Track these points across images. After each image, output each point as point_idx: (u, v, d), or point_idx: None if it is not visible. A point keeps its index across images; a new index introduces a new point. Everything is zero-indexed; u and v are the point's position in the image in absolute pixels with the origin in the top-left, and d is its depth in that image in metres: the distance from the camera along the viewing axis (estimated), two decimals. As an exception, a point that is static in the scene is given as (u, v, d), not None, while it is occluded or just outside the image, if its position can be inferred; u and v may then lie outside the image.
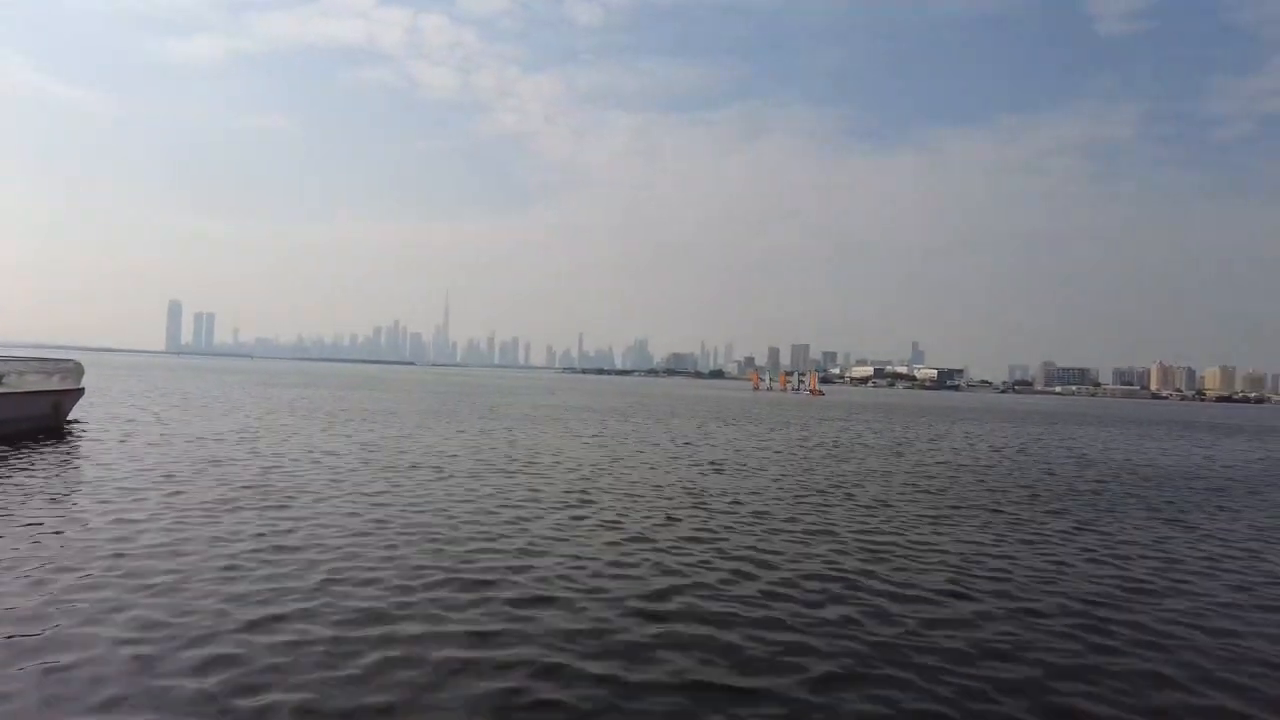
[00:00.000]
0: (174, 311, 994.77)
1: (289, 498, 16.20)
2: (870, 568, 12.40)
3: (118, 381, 70.65)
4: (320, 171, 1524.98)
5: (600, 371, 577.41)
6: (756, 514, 16.89)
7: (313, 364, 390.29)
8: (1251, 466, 33.99)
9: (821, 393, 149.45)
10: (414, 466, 21.73)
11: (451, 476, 20.05)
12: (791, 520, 16.29)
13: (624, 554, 12.55)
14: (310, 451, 24.17)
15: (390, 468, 21.24)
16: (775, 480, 22.49)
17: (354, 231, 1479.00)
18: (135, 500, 15.21)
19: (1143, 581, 12.50)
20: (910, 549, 13.98)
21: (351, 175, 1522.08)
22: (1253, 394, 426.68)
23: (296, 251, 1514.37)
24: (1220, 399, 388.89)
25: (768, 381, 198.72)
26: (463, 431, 33.96)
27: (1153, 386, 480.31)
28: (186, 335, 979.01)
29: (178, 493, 16.15)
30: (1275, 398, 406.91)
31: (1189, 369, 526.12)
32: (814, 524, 15.98)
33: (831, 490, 20.97)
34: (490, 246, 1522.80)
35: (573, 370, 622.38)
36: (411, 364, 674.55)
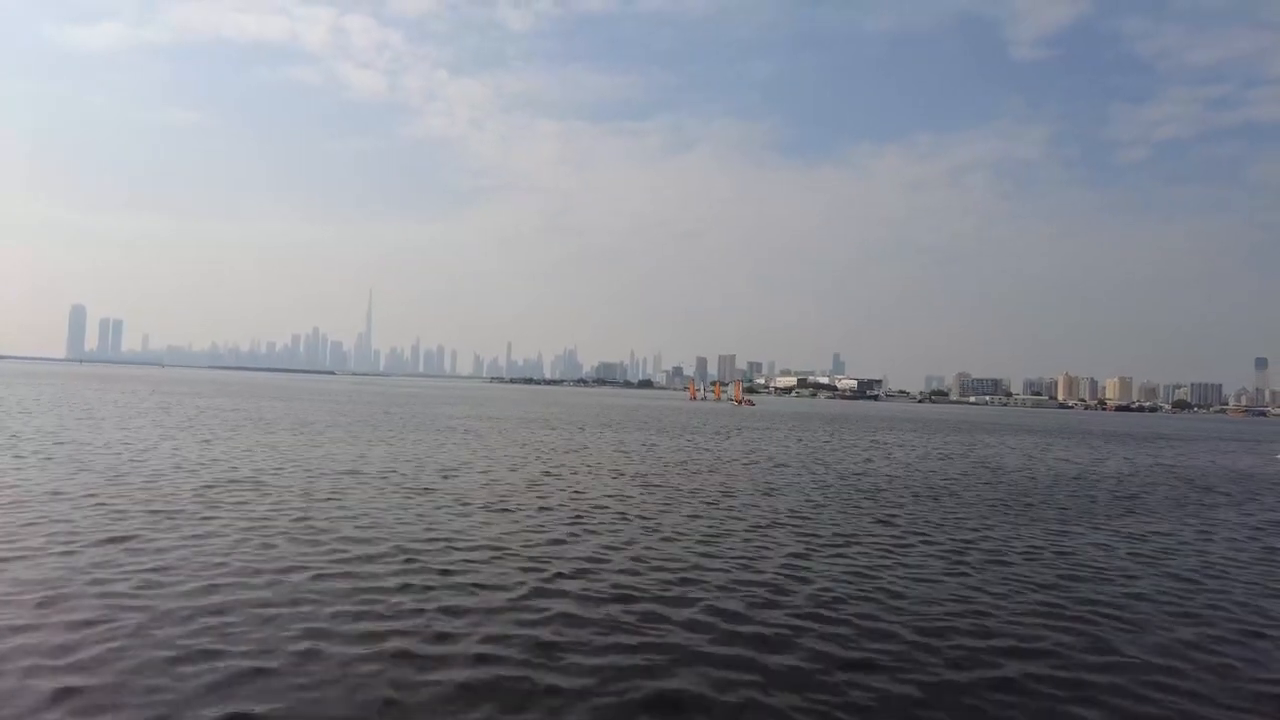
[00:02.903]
0: (76, 317, 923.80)
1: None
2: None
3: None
4: (237, 171, 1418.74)
5: (529, 381, 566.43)
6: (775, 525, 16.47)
7: (227, 373, 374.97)
8: (1135, 476, 35.74)
9: (751, 403, 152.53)
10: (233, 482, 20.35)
11: (275, 497, 18.77)
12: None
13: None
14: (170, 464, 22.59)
15: (211, 485, 20.11)
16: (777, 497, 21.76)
17: (273, 234, 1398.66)
18: None
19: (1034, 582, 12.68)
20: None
21: (271, 176, 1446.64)
22: (1147, 403, 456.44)
23: (211, 255, 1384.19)
24: (1119, 408, 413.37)
25: (702, 391, 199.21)
26: (354, 444, 32.62)
27: (1060, 396, 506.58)
28: (91, 342, 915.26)
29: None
30: (1165, 407, 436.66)
31: (1092, 379, 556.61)
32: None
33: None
34: (416, 252, 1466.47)
35: (501, 380, 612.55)
36: (332, 373, 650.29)
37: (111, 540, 13.03)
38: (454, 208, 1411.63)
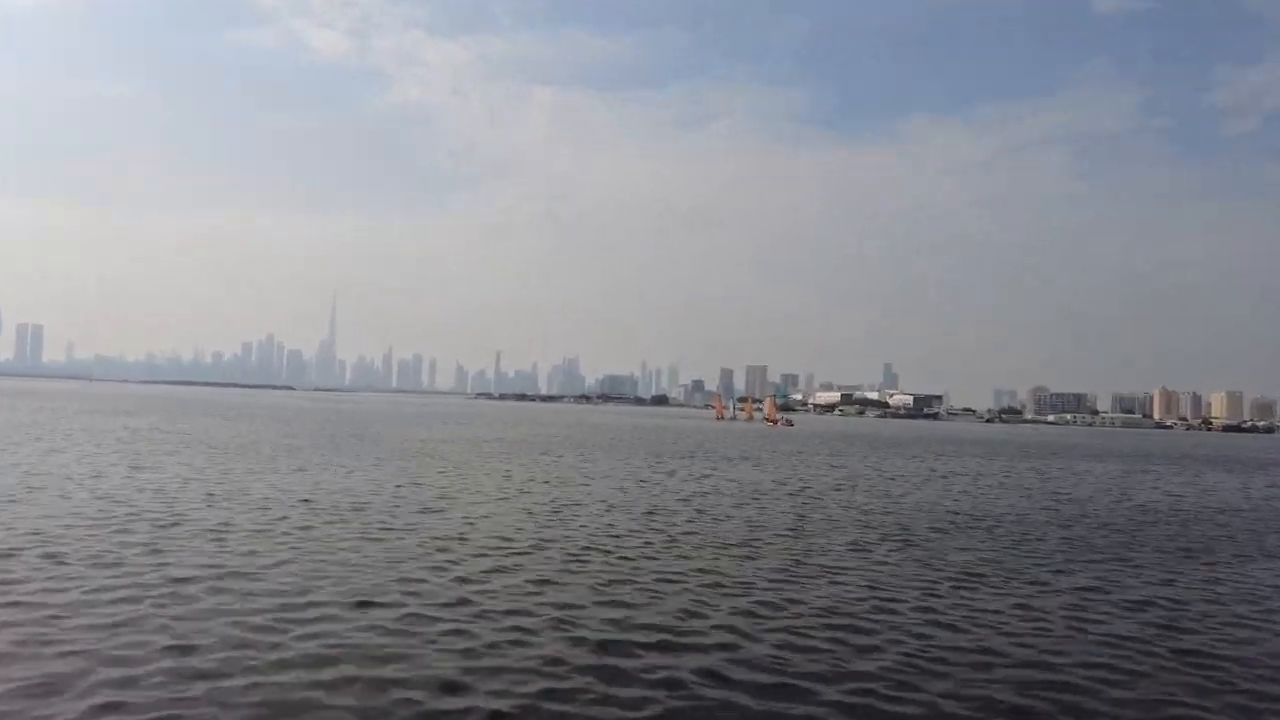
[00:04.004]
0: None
1: None
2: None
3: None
4: (176, 153, 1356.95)
5: (522, 397, 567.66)
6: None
7: (166, 388, 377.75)
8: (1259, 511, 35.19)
9: (790, 423, 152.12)
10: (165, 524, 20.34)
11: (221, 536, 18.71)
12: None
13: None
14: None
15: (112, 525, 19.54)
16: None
17: (219, 226, 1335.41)
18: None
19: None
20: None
21: (216, 158, 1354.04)
22: (1261, 422, 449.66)
23: (146, 251, 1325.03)
24: (1227, 428, 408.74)
25: (731, 410, 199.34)
26: (302, 471, 33.03)
27: (1155, 414, 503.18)
28: (5, 351, 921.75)
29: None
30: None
31: (1194, 394, 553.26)
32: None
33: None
34: (388, 245, 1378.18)
35: (488, 395, 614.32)
36: (290, 388, 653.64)
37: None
38: (432, 193, 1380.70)
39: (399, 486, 29.34)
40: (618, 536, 20.92)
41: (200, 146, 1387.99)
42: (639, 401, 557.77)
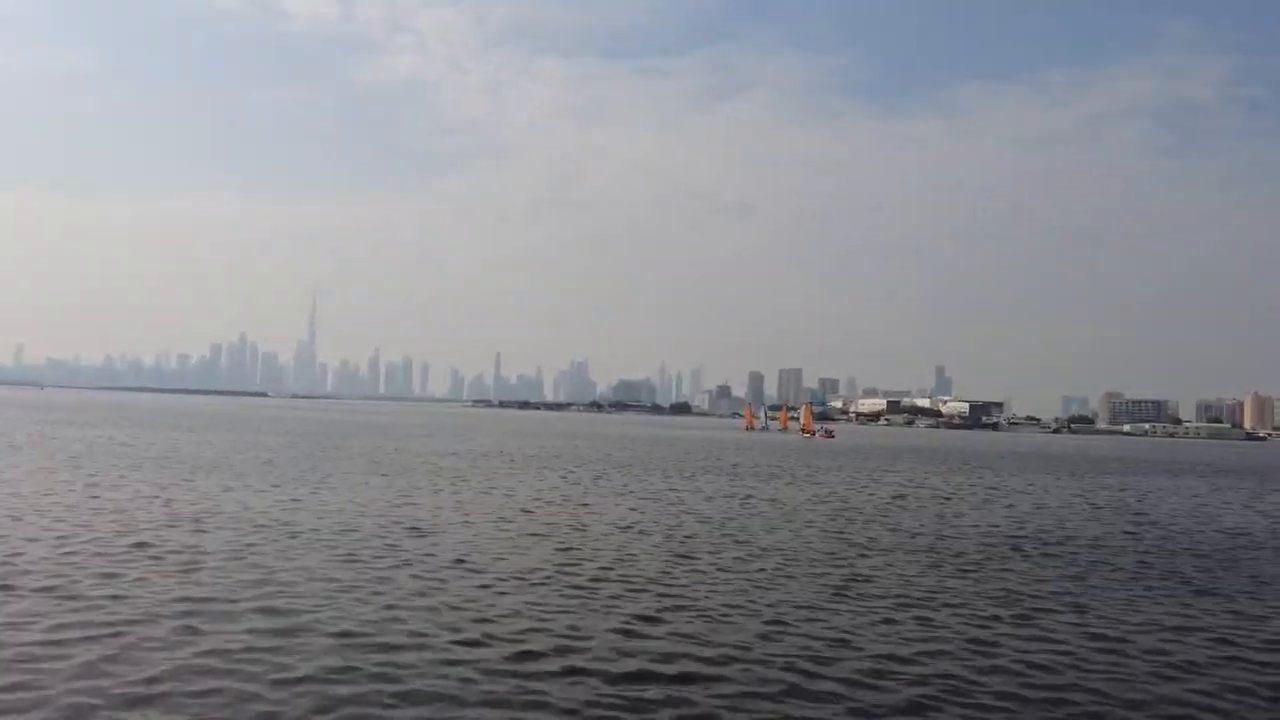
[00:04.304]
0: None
1: None
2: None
3: None
4: (137, 131, 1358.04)
5: (525, 405, 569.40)
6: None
7: (126, 394, 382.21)
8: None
9: (830, 434, 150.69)
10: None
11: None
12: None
13: None
14: None
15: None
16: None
17: (185, 214, 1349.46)
18: None
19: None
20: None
21: (182, 138, 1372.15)
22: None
23: (104, 241, 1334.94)
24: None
25: (763, 419, 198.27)
26: (276, 488, 33.18)
27: (1246, 423, 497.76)
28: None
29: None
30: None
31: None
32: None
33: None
34: (375, 236, 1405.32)
35: (487, 403, 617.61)
36: (264, 394, 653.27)
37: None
38: (425, 177, 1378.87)
39: (394, 507, 29.68)
40: (632, 559, 21.12)
41: (162, 124, 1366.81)
42: (657, 409, 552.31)
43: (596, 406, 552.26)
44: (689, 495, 38.58)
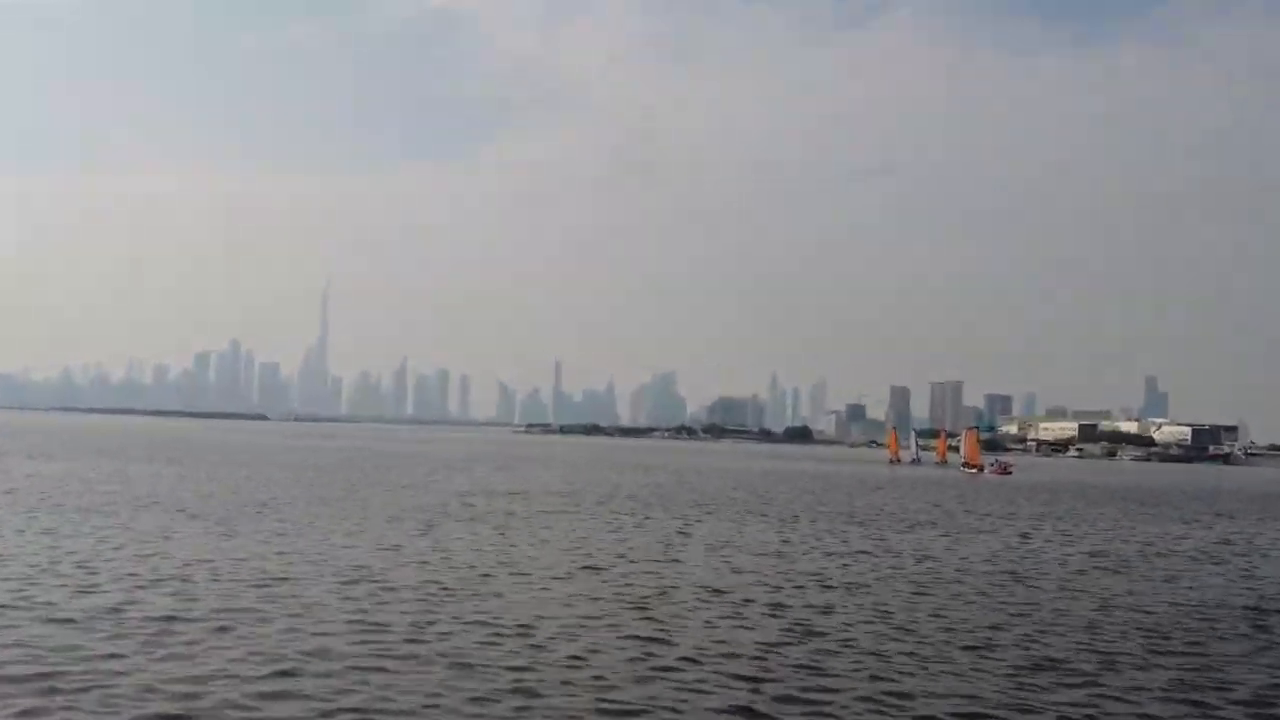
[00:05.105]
0: None
1: None
2: None
3: None
4: (104, 88, 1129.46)
5: (594, 429, 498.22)
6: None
7: (90, 417, 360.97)
8: None
9: (1005, 468, 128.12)
10: None
11: None
12: None
13: None
14: None
15: None
16: None
17: (161, 190, 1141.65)
18: None
19: None
20: None
21: (158, 93, 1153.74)
22: None
23: (63, 223, 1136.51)
24: None
25: (913, 449, 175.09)
26: (282, 536, 30.38)
27: None
28: None
29: None
30: None
31: None
32: None
33: None
34: (399, 216, 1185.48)
35: (544, 427, 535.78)
36: (263, 417, 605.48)
37: None
38: (462, 137, 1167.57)
39: (424, 563, 26.75)
40: (730, 635, 18.27)
41: (135, 80, 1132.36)
42: (766, 435, 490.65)
43: (686, 432, 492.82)
44: (807, 551, 34.65)
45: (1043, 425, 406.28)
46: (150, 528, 32.15)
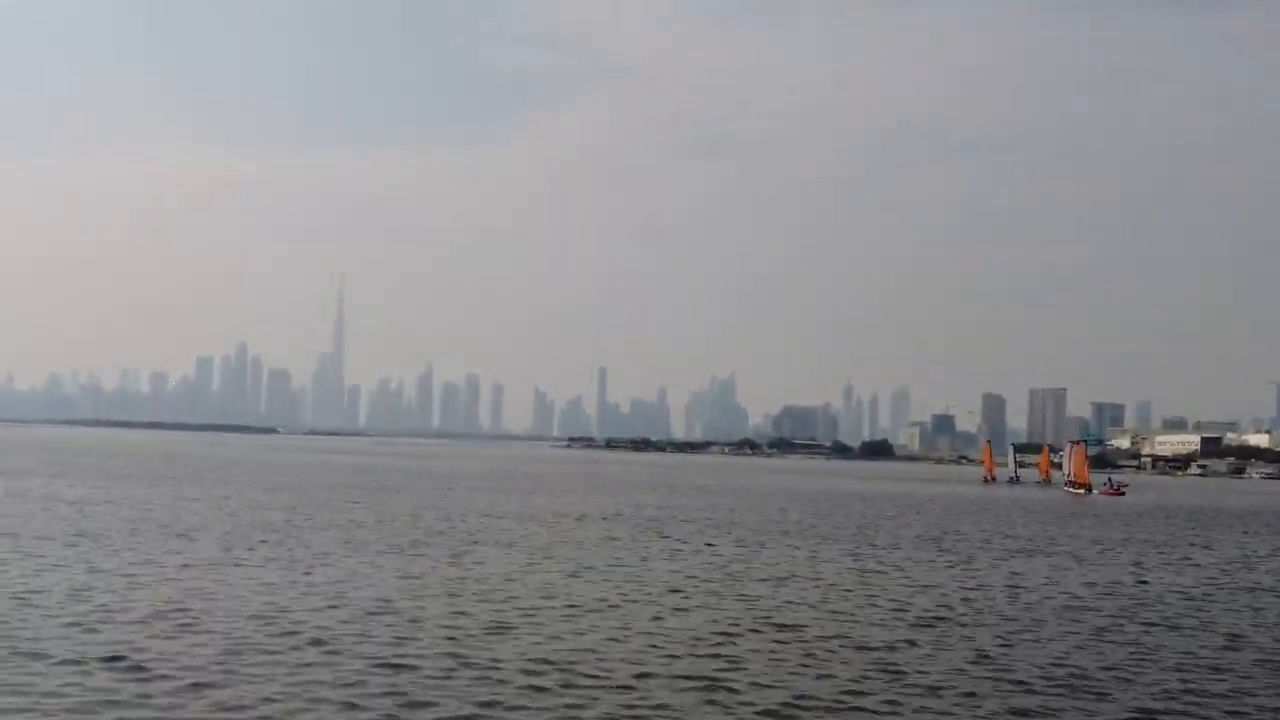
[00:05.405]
0: None
1: None
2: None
3: None
4: (94, 59, 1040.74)
5: (644, 445, 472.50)
6: None
7: (79, 430, 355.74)
8: None
9: (1118, 489, 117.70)
10: None
11: None
12: None
13: None
14: None
15: None
16: None
17: (158, 174, 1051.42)
18: None
19: None
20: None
21: (156, 65, 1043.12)
22: None
23: (47, 215, 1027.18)
24: None
25: (1012, 466, 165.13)
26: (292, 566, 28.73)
27: None
28: None
29: None
30: None
31: None
32: None
33: None
34: (424, 200, 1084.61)
35: (587, 441, 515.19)
36: (273, 430, 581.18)
37: None
38: (492, 114, 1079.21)
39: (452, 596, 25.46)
40: (804, 670, 16.54)
41: (127, 50, 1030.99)
42: (840, 450, 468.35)
43: (749, 446, 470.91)
44: (886, 580, 32.38)
45: (1159, 438, 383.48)
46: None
